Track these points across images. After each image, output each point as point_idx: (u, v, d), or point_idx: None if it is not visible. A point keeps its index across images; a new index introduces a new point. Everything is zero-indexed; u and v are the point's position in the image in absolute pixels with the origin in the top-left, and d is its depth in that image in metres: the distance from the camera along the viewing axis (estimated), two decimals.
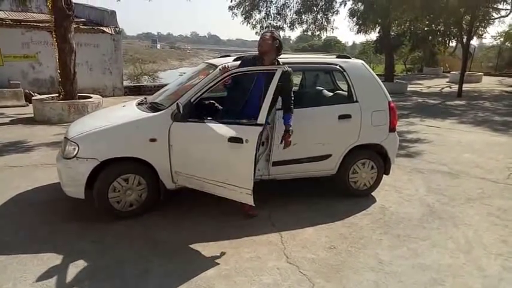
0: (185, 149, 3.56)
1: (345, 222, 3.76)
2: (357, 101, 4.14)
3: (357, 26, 17.52)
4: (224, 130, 3.30)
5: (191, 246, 3.24)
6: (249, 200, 3.27)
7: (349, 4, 17.52)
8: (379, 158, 4.31)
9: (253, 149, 3.16)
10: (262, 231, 3.53)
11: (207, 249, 3.21)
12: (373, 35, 23.71)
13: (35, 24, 11.74)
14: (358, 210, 4.03)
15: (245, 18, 16.48)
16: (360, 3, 16.65)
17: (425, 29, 19.90)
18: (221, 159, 3.35)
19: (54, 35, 8.31)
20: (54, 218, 3.69)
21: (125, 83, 14.83)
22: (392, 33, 18.84)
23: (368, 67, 4.42)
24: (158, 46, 75.30)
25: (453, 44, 24.66)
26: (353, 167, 4.22)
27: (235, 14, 16.43)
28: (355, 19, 17.36)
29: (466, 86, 15.62)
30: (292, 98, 3.64)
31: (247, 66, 3.56)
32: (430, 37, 22.59)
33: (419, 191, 4.66)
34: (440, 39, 22.95)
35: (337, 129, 4.09)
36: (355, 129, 4.11)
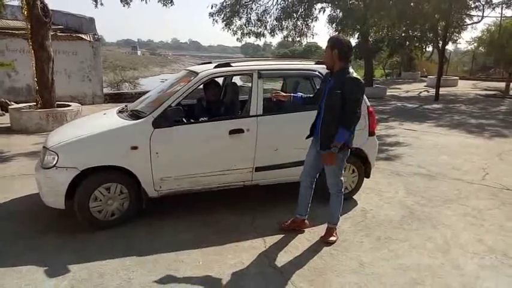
0: (175, 152, 3.60)
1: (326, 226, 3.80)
2: None
3: (336, 32, 17.84)
4: (223, 125, 3.82)
5: (175, 254, 3.22)
6: (248, 177, 3.98)
7: (328, 11, 17.88)
8: (359, 162, 4.40)
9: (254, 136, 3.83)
10: (246, 237, 3.54)
11: (191, 256, 3.20)
12: (352, 41, 24.15)
13: (10, 31, 11.48)
14: (340, 213, 4.09)
15: (226, 25, 16.57)
16: (338, 10, 16.99)
17: (403, 34, 20.45)
18: (225, 149, 3.83)
19: (30, 43, 8.16)
20: (32, 229, 3.61)
21: (105, 90, 14.64)
22: (371, 39, 19.27)
23: None
24: (139, 53, 74.72)
25: (430, 49, 25.44)
26: None
27: (216, 21, 16.52)
28: (334, 25, 17.70)
29: (442, 90, 16.07)
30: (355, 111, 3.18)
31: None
32: (407, 42, 23.24)
33: (398, 193, 4.76)
34: (417, 44, 23.65)
35: None
36: None
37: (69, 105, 8.89)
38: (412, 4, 14.56)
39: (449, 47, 29.17)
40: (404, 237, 3.61)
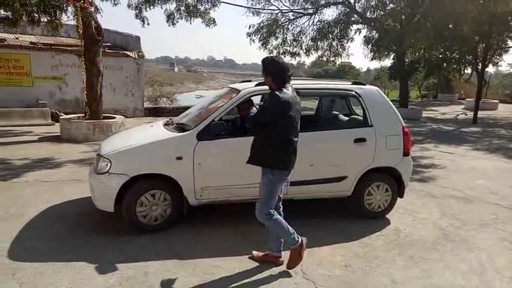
0: (215, 164, 3.84)
1: (359, 242, 3.88)
2: (371, 126, 4.33)
3: (372, 53, 17.88)
4: None
5: (212, 260, 3.41)
6: (283, 190, 3.76)
7: (364, 32, 17.97)
8: (393, 181, 4.45)
9: None
10: None
11: (228, 263, 3.37)
12: (388, 62, 24.06)
13: (64, 48, 12.42)
14: (373, 231, 4.15)
15: (262, 44, 17.01)
16: (374, 31, 17.06)
17: (440, 56, 20.13)
18: None
19: (82, 59, 8.82)
20: (83, 230, 3.91)
21: (145, 105, 15.35)
22: (407, 60, 19.11)
23: (382, 93, 4.63)
24: (176, 69, 77.27)
25: (468, 71, 24.81)
26: (368, 189, 4.36)
27: (253, 40, 17.00)
28: (369, 46, 17.74)
29: (481, 113, 15.63)
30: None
31: None
32: (444, 64, 22.79)
33: (433, 214, 4.75)
34: (455, 66, 23.14)
35: (352, 152, 4.27)
36: (370, 153, 4.29)
37: (114, 117, 9.46)
38: (450, 26, 14.43)
39: (490, 69, 28.30)
40: (438, 258, 3.62)
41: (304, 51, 17.49)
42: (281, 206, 3.51)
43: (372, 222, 4.36)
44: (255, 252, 3.52)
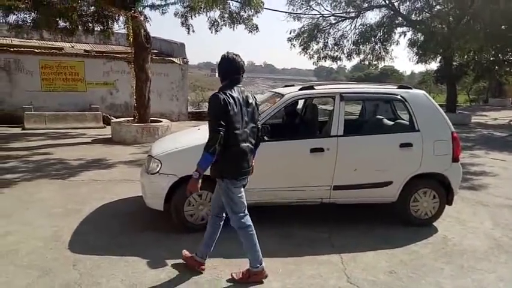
0: (260, 166, 3.91)
1: (405, 249, 3.80)
2: (418, 130, 4.23)
3: (417, 56, 17.32)
4: (304, 143, 4.04)
5: None
6: (326, 195, 4.08)
7: (409, 35, 17.45)
8: (441, 188, 4.32)
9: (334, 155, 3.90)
10: (322, 252, 3.69)
11: (271, 263, 3.42)
12: (434, 65, 23.14)
13: (114, 55, 13.15)
14: (419, 238, 4.05)
15: (303, 49, 17.03)
16: (419, 34, 16.53)
17: (491, 58, 19.08)
18: (305, 166, 4.03)
19: (132, 65, 9.30)
20: (134, 226, 4.14)
21: (188, 109, 15.84)
22: (455, 63, 18.31)
23: (430, 97, 4.52)
24: (216, 75, 78.54)
25: None
26: (414, 195, 4.26)
27: (294, 45, 17.07)
28: (414, 49, 17.21)
29: None
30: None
31: None
32: (496, 67, 21.54)
33: (484, 224, 4.54)
34: (508, 69, 21.79)
35: (398, 157, 4.20)
36: (416, 158, 4.19)
37: (160, 121, 9.88)
38: (502, 27, 13.68)
39: None
40: (491, 269, 3.47)
41: (346, 55, 17.31)
42: (224, 216, 3.27)
43: (418, 229, 4.25)
44: (184, 251, 3.39)
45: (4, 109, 11.83)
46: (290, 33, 16.92)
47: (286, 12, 16.51)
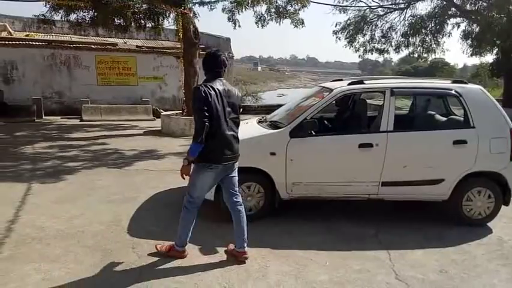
0: (307, 160, 3.99)
1: (456, 249, 3.71)
2: (473, 127, 4.08)
3: (471, 48, 16.37)
4: (353, 138, 4.06)
5: (303, 252, 3.56)
6: (374, 191, 4.07)
7: (463, 26, 16.52)
8: (497, 187, 4.14)
9: (383, 151, 3.87)
10: (370, 248, 3.69)
11: (318, 257, 3.49)
12: (489, 57, 21.72)
13: (164, 50, 13.66)
14: (472, 238, 3.92)
15: (349, 42, 16.68)
16: (475, 25, 15.60)
17: None
18: (353, 161, 4.06)
19: (181, 60, 9.63)
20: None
21: None
22: None
23: (487, 93, 4.33)
24: (259, 68, 79.25)
25: None
26: (467, 194, 4.13)
27: (339, 38, 16.76)
28: (468, 41, 16.28)
29: None
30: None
31: None
32: None
33: None
34: None
35: (451, 154, 4.08)
36: (470, 156, 4.05)
37: None
38: None
39: None
40: None
41: (394, 47, 16.71)
42: (240, 204, 3.41)
43: (471, 229, 4.12)
44: (230, 245, 3.49)
45: (64, 102, 12.73)
46: (335, 26, 16.64)
47: (332, 5, 16.25)
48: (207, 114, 2.98)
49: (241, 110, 3.35)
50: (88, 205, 4.56)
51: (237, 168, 3.39)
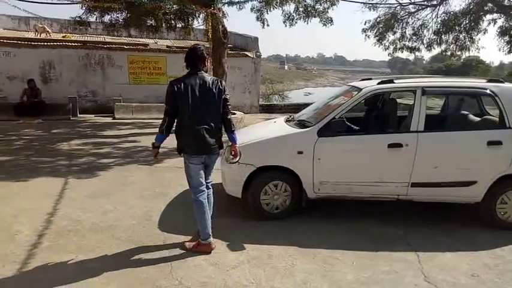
0: (334, 159, 3.99)
1: (489, 253, 3.61)
2: (509, 127, 3.95)
3: (509, 46, 15.67)
4: (382, 138, 4.03)
5: (330, 251, 3.56)
6: (403, 191, 4.04)
7: (500, 22, 15.82)
8: None
9: (413, 151, 3.88)
10: (398, 249, 3.65)
11: (345, 256, 3.49)
12: None
13: None
14: (506, 243, 3.80)
15: (378, 40, 16.36)
16: None
17: None
18: (382, 161, 4.04)
19: (210, 59, 9.75)
20: (215, 212, 4.43)
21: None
22: None
23: None
24: (286, 67, 79.01)
25: None
26: (502, 197, 4.00)
27: (368, 36, 16.46)
28: (506, 38, 15.58)
29: None
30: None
31: None
32: None
33: None
34: None
35: (484, 156, 3.97)
36: (506, 157, 3.92)
37: (234, 113, 10.27)
38: None
39: None
40: None
41: (425, 45, 16.20)
42: (208, 193, 3.61)
43: (505, 233, 4.00)
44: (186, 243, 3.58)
45: (98, 100, 13.19)
46: (365, 24, 16.34)
47: (362, 3, 15.96)
48: (168, 108, 3.27)
49: (227, 102, 3.45)
50: (120, 200, 4.75)
51: (218, 158, 3.60)
